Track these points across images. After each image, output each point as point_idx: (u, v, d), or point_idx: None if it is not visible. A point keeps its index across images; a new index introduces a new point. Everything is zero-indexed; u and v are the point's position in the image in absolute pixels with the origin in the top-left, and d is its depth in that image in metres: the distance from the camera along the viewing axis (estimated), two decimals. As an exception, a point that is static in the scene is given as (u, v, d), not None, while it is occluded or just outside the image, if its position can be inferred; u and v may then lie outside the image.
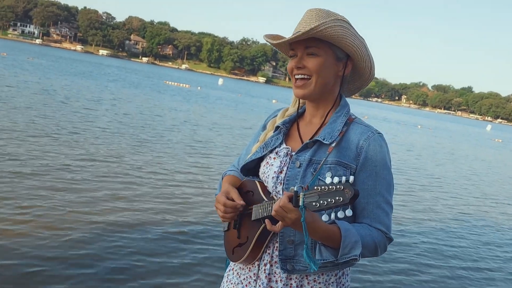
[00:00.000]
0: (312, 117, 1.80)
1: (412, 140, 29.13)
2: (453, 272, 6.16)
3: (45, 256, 4.59)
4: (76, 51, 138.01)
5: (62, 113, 13.87)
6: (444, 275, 6.01)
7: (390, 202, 1.69)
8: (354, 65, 1.75)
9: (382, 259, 5.97)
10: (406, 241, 7.09)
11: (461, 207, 10.56)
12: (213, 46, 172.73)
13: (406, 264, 6.13)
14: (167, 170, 8.98)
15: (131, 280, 4.43)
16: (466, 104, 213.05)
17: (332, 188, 1.35)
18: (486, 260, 6.92)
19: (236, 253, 1.83)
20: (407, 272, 5.88)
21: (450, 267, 6.36)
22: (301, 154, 1.70)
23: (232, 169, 2.03)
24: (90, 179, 7.40)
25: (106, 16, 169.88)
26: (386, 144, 1.72)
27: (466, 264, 6.61)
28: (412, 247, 6.90)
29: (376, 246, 1.63)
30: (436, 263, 6.41)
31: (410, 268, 6.03)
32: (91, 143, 10.25)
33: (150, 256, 5.02)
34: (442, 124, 72.52)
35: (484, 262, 6.82)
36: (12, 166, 7.31)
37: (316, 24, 1.57)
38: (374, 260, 5.86)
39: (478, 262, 6.78)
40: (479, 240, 7.94)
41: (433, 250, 6.94)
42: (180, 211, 6.69)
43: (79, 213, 5.85)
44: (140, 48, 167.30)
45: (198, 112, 22.58)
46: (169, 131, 14.35)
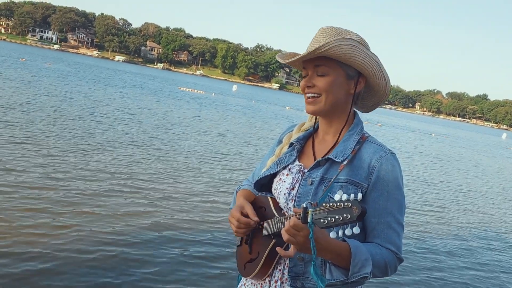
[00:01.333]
0: (325, 134, 1.82)
1: (424, 148, 29.14)
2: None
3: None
4: (92, 57, 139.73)
5: (85, 121, 14.26)
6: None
7: (401, 223, 1.69)
8: (367, 82, 1.75)
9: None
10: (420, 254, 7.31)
11: (470, 218, 10.72)
12: (227, 53, 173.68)
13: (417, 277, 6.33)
14: (181, 181, 9.28)
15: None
16: (481, 112, 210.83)
17: (340, 205, 1.35)
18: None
19: (248, 269, 1.85)
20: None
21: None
22: (313, 172, 1.71)
23: (247, 183, 2.05)
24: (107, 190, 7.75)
25: (122, 22, 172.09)
26: (399, 164, 1.72)
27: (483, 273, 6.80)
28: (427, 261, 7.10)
29: (387, 265, 1.62)
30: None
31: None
32: (105, 151, 10.57)
33: (162, 267, 5.17)
34: (456, 132, 71.97)
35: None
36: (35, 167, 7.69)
37: (321, 44, 1.59)
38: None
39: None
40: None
41: (451, 263, 7.13)
42: (196, 224, 6.81)
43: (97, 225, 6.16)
44: (155, 54, 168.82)
45: (218, 120, 22.83)
46: (185, 140, 14.66)
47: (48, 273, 4.47)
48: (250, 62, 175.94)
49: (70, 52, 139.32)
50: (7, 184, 6.70)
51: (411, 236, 7.86)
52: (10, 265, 4.45)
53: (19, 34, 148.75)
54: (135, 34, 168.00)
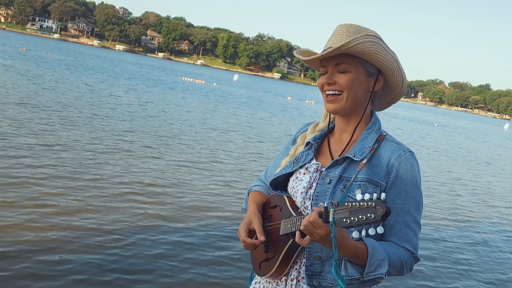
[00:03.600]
0: (342, 132, 1.80)
1: (429, 139, 28.90)
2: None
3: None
4: (93, 46, 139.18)
5: (94, 112, 14.05)
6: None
7: (419, 222, 1.68)
8: (385, 79, 1.74)
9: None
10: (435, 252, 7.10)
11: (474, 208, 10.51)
12: (228, 42, 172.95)
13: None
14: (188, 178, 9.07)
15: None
16: (483, 102, 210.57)
17: (363, 205, 1.34)
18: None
19: (263, 268, 1.82)
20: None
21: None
22: (331, 171, 1.70)
23: (258, 183, 2.04)
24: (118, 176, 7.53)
25: (123, 11, 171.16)
26: (417, 163, 1.70)
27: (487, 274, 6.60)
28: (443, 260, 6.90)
29: (403, 265, 1.62)
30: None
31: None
32: (112, 144, 10.37)
33: (174, 264, 5.07)
34: (459, 122, 71.73)
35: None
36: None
37: (347, 40, 1.57)
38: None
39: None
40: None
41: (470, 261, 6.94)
42: (205, 219, 6.68)
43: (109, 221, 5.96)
44: (156, 44, 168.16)
45: (219, 112, 22.62)
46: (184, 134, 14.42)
47: (46, 270, 4.29)
48: (251, 51, 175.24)
49: (70, 42, 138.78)
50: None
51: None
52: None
53: (19, 23, 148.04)
54: (136, 23, 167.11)
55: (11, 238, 4.80)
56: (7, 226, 5.04)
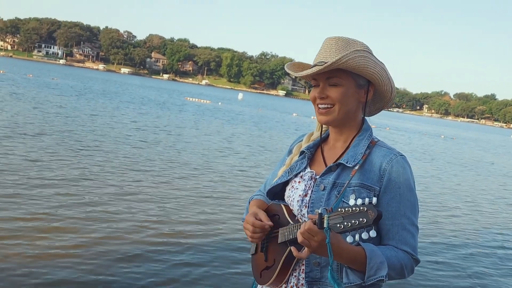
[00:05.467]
0: (336, 141, 1.84)
1: (435, 150, 28.84)
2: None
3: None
4: (98, 70, 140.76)
5: (104, 136, 14.18)
6: None
7: (415, 224, 1.70)
8: (376, 89, 1.79)
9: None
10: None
11: (480, 219, 10.44)
12: (232, 61, 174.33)
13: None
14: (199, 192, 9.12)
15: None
16: (489, 112, 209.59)
17: (355, 210, 1.37)
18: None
19: (264, 276, 1.86)
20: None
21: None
22: (325, 177, 1.73)
23: (259, 193, 2.09)
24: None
25: (127, 34, 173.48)
26: (409, 166, 1.73)
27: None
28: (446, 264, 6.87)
29: (403, 267, 1.63)
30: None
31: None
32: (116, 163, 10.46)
33: (174, 278, 5.10)
34: (465, 133, 71.44)
35: None
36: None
37: (338, 57, 1.61)
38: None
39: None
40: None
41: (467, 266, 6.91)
42: (206, 235, 6.74)
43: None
44: (160, 65, 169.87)
45: (226, 130, 22.74)
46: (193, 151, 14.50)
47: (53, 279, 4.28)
48: (255, 70, 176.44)
49: (76, 66, 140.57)
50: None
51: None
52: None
53: (25, 50, 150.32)
54: (140, 46, 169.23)
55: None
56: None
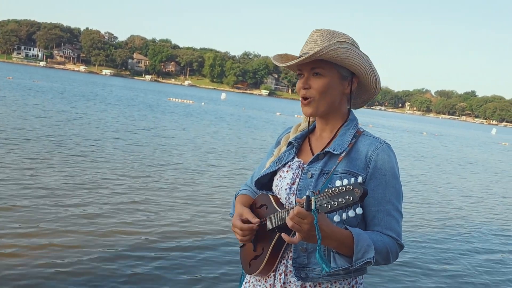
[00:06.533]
0: (322, 131, 1.88)
1: (417, 147, 29.14)
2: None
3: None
4: (79, 72, 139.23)
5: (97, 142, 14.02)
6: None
7: (400, 210, 1.75)
8: (360, 81, 1.83)
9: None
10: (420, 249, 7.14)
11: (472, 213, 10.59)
12: (215, 61, 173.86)
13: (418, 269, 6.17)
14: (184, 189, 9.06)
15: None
16: (470, 109, 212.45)
17: (342, 189, 1.39)
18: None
19: (253, 266, 1.87)
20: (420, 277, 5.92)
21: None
22: (313, 166, 1.77)
23: (244, 187, 2.11)
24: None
25: (108, 36, 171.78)
26: (394, 154, 1.79)
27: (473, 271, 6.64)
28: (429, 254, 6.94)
29: (388, 252, 1.66)
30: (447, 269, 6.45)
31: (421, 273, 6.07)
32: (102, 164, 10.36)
33: (166, 271, 5.10)
34: (447, 129, 72.31)
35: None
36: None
37: (320, 48, 1.65)
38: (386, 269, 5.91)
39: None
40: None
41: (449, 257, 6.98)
42: (193, 228, 6.75)
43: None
44: (143, 66, 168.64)
45: (210, 131, 22.67)
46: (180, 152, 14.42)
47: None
48: (238, 69, 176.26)
49: (57, 68, 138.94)
50: None
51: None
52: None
53: (4, 52, 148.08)
54: (122, 47, 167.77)
55: None
56: None
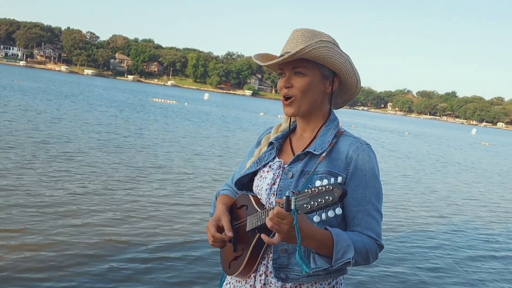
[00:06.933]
0: (303, 131, 1.87)
1: (400, 147, 29.39)
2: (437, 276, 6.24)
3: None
4: (61, 72, 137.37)
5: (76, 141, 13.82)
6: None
7: (380, 210, 1.75)
8: (341, 81, 1.82)
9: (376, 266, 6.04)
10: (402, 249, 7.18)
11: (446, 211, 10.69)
12: (198, 61, 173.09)
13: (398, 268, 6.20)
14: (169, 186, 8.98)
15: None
16: (451, 109, 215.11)
17: (322, 189, 1.39)
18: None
19: (233, 267, 1.85)
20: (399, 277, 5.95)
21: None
22: (293, 166, 1.76)
23: (225, 188, 2.09)
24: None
25: (90, 35, 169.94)
26: (375, 155, 1.78)
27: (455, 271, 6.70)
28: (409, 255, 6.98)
29: (368, 252, 1.66)
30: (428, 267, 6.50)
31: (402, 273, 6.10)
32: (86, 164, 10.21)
33: (143, 274, 5.05)
34: (428, 129, 73.11)
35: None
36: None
37: (302, 47, 1.65)
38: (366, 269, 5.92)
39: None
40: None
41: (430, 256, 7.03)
42: (174, 230, 6.70)
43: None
44: (125, 66, 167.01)
45: (193, 131, 22.56)
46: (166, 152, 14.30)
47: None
48: (221, 70, 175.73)
49: (37, 68, 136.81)
50: None
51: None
52: None
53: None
54: (103, 47, 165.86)
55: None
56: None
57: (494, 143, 52.68)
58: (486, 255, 7.50)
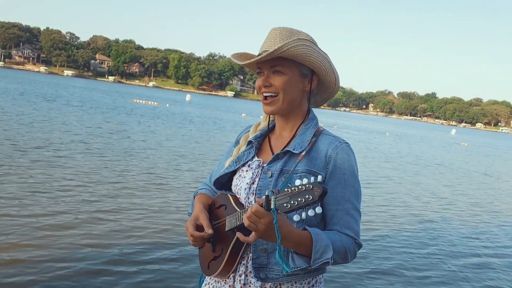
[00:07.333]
0: (282, 130, 1.86)
1: (382, 148, 29.62)
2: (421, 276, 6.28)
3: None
4: (40, 73, 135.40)
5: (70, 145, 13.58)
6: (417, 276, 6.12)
7: (359, 209, 1.74)
8: (320, 79, 1.82)
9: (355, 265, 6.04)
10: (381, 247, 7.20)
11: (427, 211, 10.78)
12: (180, 62, 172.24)
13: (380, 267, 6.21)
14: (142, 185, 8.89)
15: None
16: (431, 110, 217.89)
17: (301, 188, 1.38)
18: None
19: (212, 267, 1.83)
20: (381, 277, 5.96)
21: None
22: (273, 165, 1.75)
23: (204, 187, 2.06)
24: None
25: (69, 36, 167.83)
26: (353, 154, 1.78)
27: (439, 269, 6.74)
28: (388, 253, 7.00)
29: (346, 251, 1.65)
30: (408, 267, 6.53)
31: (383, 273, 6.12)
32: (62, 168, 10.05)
33: (119, 275, 4.97)
34: (409, 130, 73.88)
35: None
36: None
37: (280, 45, 1.64)
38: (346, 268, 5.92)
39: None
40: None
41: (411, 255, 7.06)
42: (153, 230, 6.63)
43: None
44: (106, 67, 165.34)
45: (173, 132, 22.42)
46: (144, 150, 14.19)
47: None
48: (203, 71, 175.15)
49: (15, 69, 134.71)
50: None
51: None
52: None
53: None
54: (84, 47, 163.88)
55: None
56: None
57: (473, 144, 53.42)
58: (468, 252, 7.57)
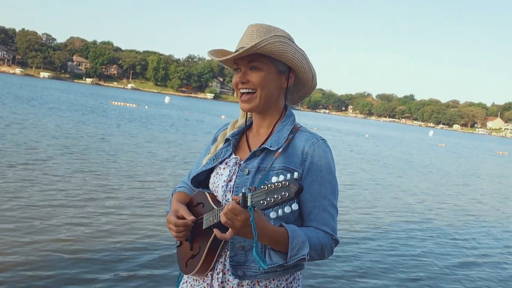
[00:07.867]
0: (259, 128, 1.87)
1: (364, 149, 29.77)
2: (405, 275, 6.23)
3: None
4: (15, 75, 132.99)
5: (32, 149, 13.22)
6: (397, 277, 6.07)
7: (336, 206, 1.75)
8: (297, 76, 1.82)
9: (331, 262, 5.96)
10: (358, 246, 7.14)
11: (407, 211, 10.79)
12: (159, 64, 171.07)
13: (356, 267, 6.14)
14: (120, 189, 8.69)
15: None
16: (409, 112, 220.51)
17: (278, 185, 1.38)
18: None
19: (190, 265, 1.82)
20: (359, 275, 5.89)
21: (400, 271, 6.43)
22: (250, 162, 1.76)
23: (182, 185, 2.03)
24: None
25: (46, 37, 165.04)
26: (330, 150, 1.78)
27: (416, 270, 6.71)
28: (364, 252, 6.94)
29: (323, 247, 1.66)
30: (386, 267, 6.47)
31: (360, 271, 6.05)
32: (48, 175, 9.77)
33: (97, 274, 4.80)
34: (388, 132, 74.60)
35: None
36: None
37: (257, 41, 1.64)
38: (324, 264, 5.84)
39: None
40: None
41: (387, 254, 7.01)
42: (131, 231, 6.47)
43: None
44: (83, 69, 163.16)
45: (153, 134, 22.16)
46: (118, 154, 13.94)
47: None
48: (182, 73, 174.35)
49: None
50: None
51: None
52: None
53: None
54: (60, 49, 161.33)
55: None
56: None
57: (451, 145, 54.16)
58: (456, 253, 7.57)
